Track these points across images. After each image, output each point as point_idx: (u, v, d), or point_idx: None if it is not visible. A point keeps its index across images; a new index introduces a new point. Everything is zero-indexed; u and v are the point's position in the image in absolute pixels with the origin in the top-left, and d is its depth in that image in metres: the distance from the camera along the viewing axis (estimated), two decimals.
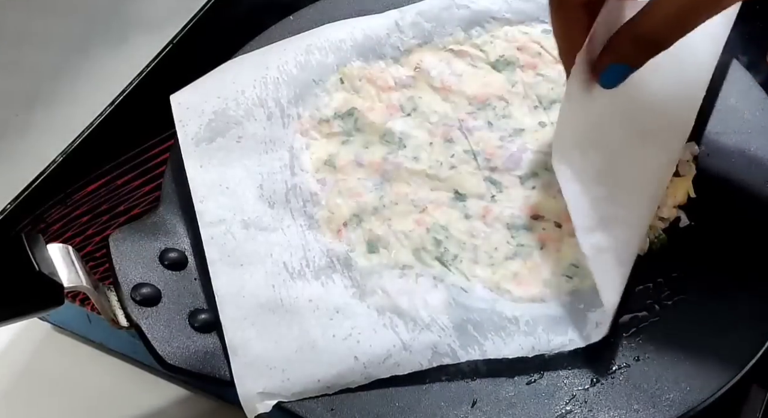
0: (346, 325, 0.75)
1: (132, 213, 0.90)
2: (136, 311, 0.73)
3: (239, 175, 0.82)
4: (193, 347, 0.73)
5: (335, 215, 0.81)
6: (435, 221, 0.80)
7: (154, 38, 1.00)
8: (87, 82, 1.02)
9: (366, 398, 0.72)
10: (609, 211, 0.73)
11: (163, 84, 0.90)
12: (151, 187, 0.91)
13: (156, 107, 0.88)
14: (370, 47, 0.89)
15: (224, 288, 0.76)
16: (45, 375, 0.87)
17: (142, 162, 0.93)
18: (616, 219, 0.73)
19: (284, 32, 0.92)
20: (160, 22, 1.03)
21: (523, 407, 0.71)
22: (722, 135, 0.84)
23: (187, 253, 0.78)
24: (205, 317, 0.75)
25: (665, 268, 0.78)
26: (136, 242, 0.77)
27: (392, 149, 0.84)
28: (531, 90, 0.87)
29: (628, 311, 0.76)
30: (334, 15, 0.93)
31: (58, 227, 0.89)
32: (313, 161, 0.84)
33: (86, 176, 0.92)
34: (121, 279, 0.74)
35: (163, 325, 0.73)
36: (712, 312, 0.75)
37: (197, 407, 0.84)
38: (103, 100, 0.95)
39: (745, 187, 0.81)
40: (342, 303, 0.76)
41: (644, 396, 0.71)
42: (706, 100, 0.85)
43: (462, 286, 0.76)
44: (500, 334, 0.74)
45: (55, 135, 0.95)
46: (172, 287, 0.75)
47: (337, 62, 0.88)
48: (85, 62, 1.02)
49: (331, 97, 0.87)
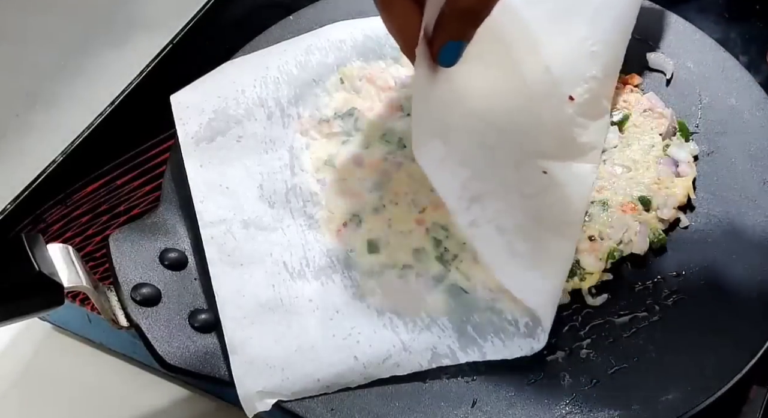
0: (345, 325, 0.75)
1: (132, 213, 0.90)
2: (136, 311, 0.73)
3: (239, 175, 0.82)
4: (193, 347, 0.73)
5: (335, 215, 0.81)
6: (435, 220, 0.80)
7: (154, 38, 1.00)
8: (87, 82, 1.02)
9: (366, 398, 0.72)
10: (479, 188, 0.75)
11: (163, 84, 0.90)
12: (151, 188, 0.91)
13: (156, 107, 0.88)
14: (370, 47, 0.89)
15: (224, 288, 0.76)
16: (45, 375, 0.87)
17: (142, 162, 0.93)
18: (488, 193, 0.75)
19: (284, 32, 0.92)
20: (160, 22, 1.03)
21: (523, 407, 0.71)
22: (722, 135, 0.84)
23: (187, 253, 0.78)
24: (205, 317, 0.75)
25: (665, 268, 0.78)
26: (136, 242, 0.77)
27: (392, 149, 0.84)
28: None
29: (628, 311, 0.76)
30: (334, 15, 0.93)
31: (58, 227, 0.89)
32: (313, 161, 0.84)
33: (86, 176, 0.92)
34: (121, 279, 0.74)
35: (163, 325, 0.73)
36: (712, 312, 0.75)
37: (197, 407, 0.84)
38: (103, 100, 0.95)
39: (745, 187, 0.81)
40: (342, 303, 0.76)
41: (644, 396, 0.71)
42: (707, 100, 0.85)
43: (462, 286, 0.76)
44: (500, 335, 0.74)
45: (55, 135, 0.95)
46: (172, 287, 0.75)
47: (337, 62, 0.88)
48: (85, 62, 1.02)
49: (331, 97, 0.87)
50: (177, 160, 0.83)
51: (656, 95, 0.87)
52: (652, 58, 0.90)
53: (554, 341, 0.74)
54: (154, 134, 0.93)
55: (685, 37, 0.91)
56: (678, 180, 0.82)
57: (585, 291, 0.77)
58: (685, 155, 0.83)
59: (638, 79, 0.89)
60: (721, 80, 0.87)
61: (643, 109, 0.86)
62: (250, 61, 0.89)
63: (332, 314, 0.75)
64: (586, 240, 0.78)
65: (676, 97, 0.87)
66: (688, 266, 0.78)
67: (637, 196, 0.81)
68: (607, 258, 0.77)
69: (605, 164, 0.83)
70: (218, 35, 1.00)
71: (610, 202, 0.80)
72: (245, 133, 0.84)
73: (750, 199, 0.80)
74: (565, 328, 0.75)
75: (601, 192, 0.81)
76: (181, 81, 0.88)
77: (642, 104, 0.86)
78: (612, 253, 0.78)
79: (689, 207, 0.81)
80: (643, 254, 0.78)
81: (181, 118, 0.85)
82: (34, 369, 0.87)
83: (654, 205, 0.80)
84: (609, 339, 0.74)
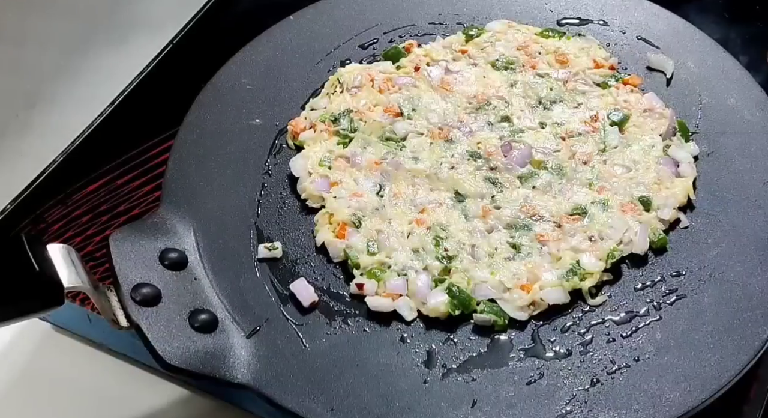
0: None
1: (132, 213, 0.90)
2: (136, 311, 0.73)
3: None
4: (193, 347, 0.72)
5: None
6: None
7: (154, 38, 1.00)
8: (87, 82, 1.02)
9: (366, 398, 0.72)
10: None
11: (163, 84, 0.90)
12: (151, 188, 0.91)
13: (156, 107, 0.88)
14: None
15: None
16: (45, 375, 0.87)
17: (142, 162, 0.93)
18: None
19: (284, 32, 0.92)
20: (160, 22, 1.04)
21: (523, 407, 0.71)
22: (722, 135, 0.84)
23: (187, 253, 0.78)
24: (205, 317, 0.74)
25: (665, 268, 0.78)
26: (136, 242, 0.77)
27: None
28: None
29: (628, 311, 0.76)
30: (334, 15, 0.93)
31: (58, 227, 0.89)
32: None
33: (86, 176, 0.92)
34: (121, 279, 0.74)
35: (163, 325, 0.73)
36: (712, 312, 0.75)
37: (197, 407, 0.84)
38: (103, 100, 0.95)
39: (745, 187, 0.81)
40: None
41: (644, 396, 0.71)
42: (707, 100, 0.85)
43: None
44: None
45: (55, 135, 0.95)
46: (172, 287, 0.75)
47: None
48: (85, 62, 1.02)
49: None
50: (177, 161, 0.83)
51: (656, 95, 0.87)
52: (652, 58, 0.90)
53: (554, 340, 0.74)
54: (154, 134, 0.93)
55: (685, 37, 0.91)
56: (678, 180, 0.82)
57: (585, 291, 0.76)
58: (685, 155, 0.83)
59: (638, 79, 0.89)
60: (721, 80, 0.87)
61: (643, 109, 0.86)
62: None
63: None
64: (586, 240, 0.78)
65: (676, 97, 0.87)
66: (688, 266, 0.78)
67: (637, 197, 0.81)
68: (607, 258, 0.77)
69: (605, 164, 0.83)
70: (218, 35, 1.00)
71: (610, 203, 0.80)
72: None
73: (750, 199, 0.80)
74: (566, 328, 0.75)
75: (601, 192, 0.81)
76: (181, 81, 0.88)
77: (642, 104, 0.86)
78: (612, 253, 0.78)
79: (689, 207, 0.81)
80: (643, 254, 0.78)
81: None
82: (34, 369, 0.87)
83: (654, 206, 0.80)
84: (609, 339, 0.74)
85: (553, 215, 0.80)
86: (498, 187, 0.81)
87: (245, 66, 0.90)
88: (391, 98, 0.87)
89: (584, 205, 0.80)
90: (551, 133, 0.85)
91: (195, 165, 0.84)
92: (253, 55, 0.91)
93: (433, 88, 0.88)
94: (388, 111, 0.86)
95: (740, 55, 0.91)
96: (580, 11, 0.94)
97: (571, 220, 0.79)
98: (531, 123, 0.85)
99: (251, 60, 0.91)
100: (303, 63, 0.91)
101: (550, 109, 0.86)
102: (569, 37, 0.92)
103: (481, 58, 0.90)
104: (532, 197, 0.81)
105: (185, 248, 0.79)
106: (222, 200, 0.82)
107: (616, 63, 0.90)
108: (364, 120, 0.86)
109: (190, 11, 1.03)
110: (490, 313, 0.75)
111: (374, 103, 0.87)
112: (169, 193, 0.82)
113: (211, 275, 0.77)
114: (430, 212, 0.80)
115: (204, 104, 0.88)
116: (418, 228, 0.79)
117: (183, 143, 0.85)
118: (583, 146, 0.84)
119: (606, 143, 0.84)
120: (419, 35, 0.93)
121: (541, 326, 0.75)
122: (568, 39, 0.92)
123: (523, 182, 0.82)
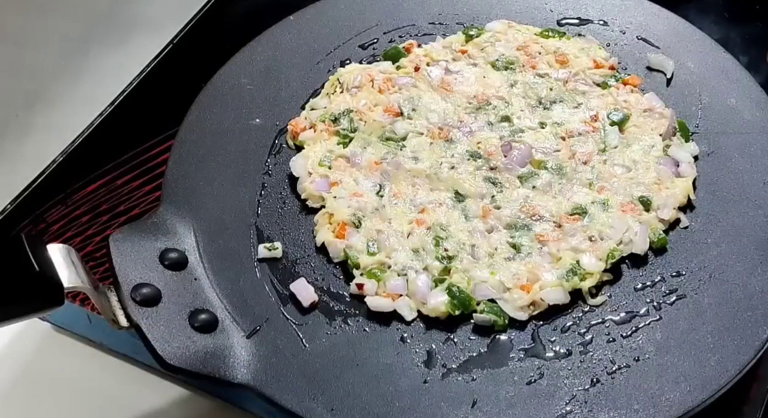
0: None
1: (132, 213, 0.90)
2: (136, 311, 0.73)
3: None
4: (193, 347, 0.72)
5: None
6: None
7: (154, 38, 1.00)
8: (87, 82, 1.02)
9: (366, 398, 0.72)
10: None
11: (163, 84, 0.90)
12: (151, 187, 0.91)
13: (156, 107, 0.88)
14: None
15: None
16: (45, 375, 0.87)
17: (142, 162, 0.93)
18: None
19: (284, 32, 0.92)
20: (160, 22, 1.04)
21: (523, 407, 0.71)
22: (722, 135, 0.84)
23: (187, 253, 0.78)
24: (205, 317, 0.74)
25: (665, 268, 0.78)
26: (136, 242, 0.77)
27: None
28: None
29: (628, 311, 0.76)
30: (334, 15, 0.93)
31: (58, 227, 0.89)
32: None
33: (86, 176, 0.92)
34: (121, 279, 0.74)
35: (163, 325, 0.73)
36: (712, 312, 0.75)
37: (197, 407, 0.84)
38: (103, 100, 0.95)
39: (745, 187, 0.81)
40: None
41: (644, 396, 0.71)
42: (707, 100, 0.85)
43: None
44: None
45: (55, 135, 0.95)
46: (172, 287, 0.75)
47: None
48: (85, 62, 1.02)
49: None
50: (177, 160, 0.83)
51: (656, 95, 0.87)
52: (652, 58, 0.90)
53: (554, 340, 0.74)
54: (154, 134, 0.93)
55: (685, 37, 0.91)
56: (678, 180, 0.82)
57: (585, 291, 0.76)
58: (685, 155, 0.83)
59: (638, 80, 0.89)
60: (721, 80, 0.88)
61: (643, 110, 0.86)
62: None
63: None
64: (586, 240, 0.78)
65: (676, 97, 0.88)
66: (688, 266, 0.78)
67: (637, 197, 0.81)
68: (607, 258, 0.77)
69: (605, 164, 0.83)
70: (218, 35, 1.00)
71: (610, 203, 0.80)
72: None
73: (750, 200, 0.80)
74: (566, 328, 0.75)
75: (601, 192, 0.81)
76: (181, 81, 0.88)
77: (642, 104, 0.86)
78: (612, 253, 0.78)
79: (689, 207, 0.81)
80: (643, 254, 0.78)
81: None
82: (34, 369, 0.87)
83: (654, 206, 0.80)
84: (609, 339, 0.74)
85: (553, 215, 0.80)
86: (498, 187, 0.81)
87: (245, 66, 0.90)
88: (391, 98, 0.87)
89: (584, 205, 0.80)
90: (551, 133, 0.85)
91: (195, 165, 0.84)
92: (253, 55, 0.91)
93: (433, 88, 0.88)
94: (388, 111, 0.86)
95: (740, 55, 0.91)
96: (580, 11, 0.94)
97: (571, 220, 0.79)
98: (531, 123, 0.85)
99: (251, 60, 0.91)
100: (303, 63, 0.91)
101: (550, 109, 0.86)
102: (569, 37, 0.92)
103: (481, 58, 0.90)
104: (532, 197, 0.81)
105: (185, 248, 0.79)
106: (222, 200, 0.82)
107: (616, 63, 0.90)
108: (364, 120, 0.86)
109: (190, 11, 1.03)
110: (490, 313, 0.75)
111: (374, 103, 0.87)
112: (169, 193, 0.82)
113: (211, 275, 0.77)
114: (430, 211, 0.80)
115: (204, 104, 0.88)
116: (418, 228, 0.79)
117: (183, 143, 0.85)
118: (583, 146, 0.84)
119: (606, 143, 0.84)
120: (419, 35, 0.93)
121: (541, 326, 0.75)
122: (568, 39, 0.92)
123: (523, 182, 0.82)
